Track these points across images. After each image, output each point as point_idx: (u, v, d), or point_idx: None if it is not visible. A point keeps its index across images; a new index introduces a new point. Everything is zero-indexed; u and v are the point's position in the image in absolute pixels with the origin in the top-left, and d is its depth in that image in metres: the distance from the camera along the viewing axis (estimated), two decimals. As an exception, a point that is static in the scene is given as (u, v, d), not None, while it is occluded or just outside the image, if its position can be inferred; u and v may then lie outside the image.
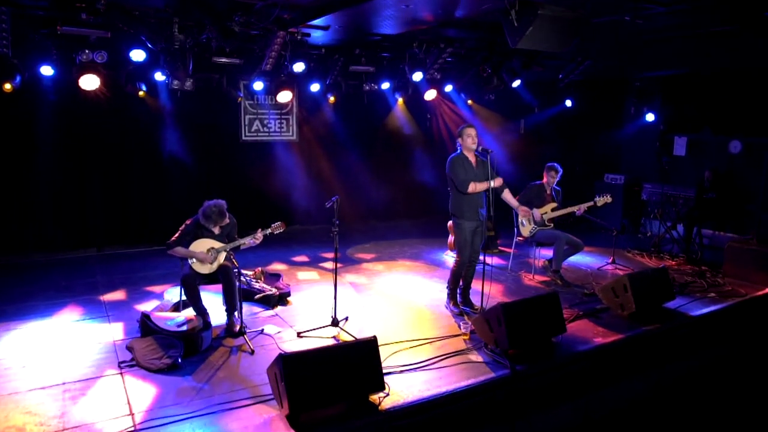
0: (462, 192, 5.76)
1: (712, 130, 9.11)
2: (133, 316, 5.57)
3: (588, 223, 9.10)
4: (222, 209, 5.23)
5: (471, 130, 5.76)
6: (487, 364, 4.73)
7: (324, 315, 5.73)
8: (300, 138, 9.58)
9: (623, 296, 5.86)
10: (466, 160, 5.79)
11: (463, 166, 5.76)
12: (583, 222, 7.84)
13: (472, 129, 5.77)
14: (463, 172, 5.73)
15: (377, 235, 9.56)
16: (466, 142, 5.75)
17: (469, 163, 5.79)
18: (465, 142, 5.76)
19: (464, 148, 5.80)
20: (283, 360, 3.67)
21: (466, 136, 5.74)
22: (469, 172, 5.74)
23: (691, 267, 7.85)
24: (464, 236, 5.87)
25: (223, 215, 5.25)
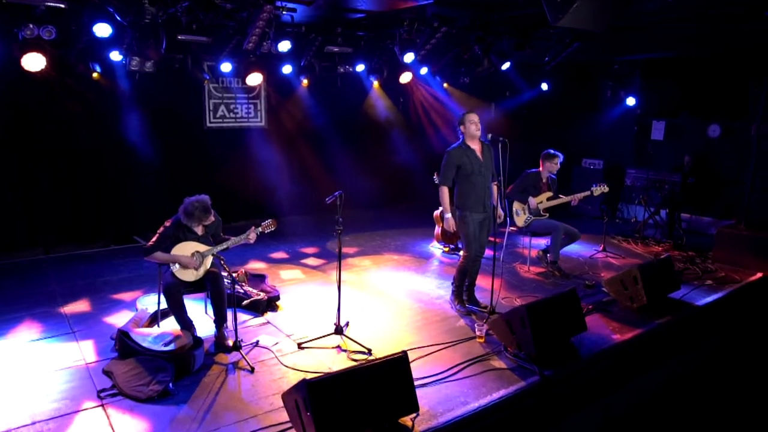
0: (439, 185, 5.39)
1: (690, 114, 9.08)
2: (105, 332, 4.87)
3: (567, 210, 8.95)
4: (206, 205, 4.59)
5: (473, 116, 5.32)
6: (512, 371, 4.37)
7: (320, 320, 5.25)
8: (270, 124, 8.89)
9: (633, 288, 5.65)
10: (468, 150, 5.35)
11: (455, 164, 5.31)
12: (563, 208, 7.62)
13: (475, 115, 5.33)
14: (449, 172, 5.33)
15: (356, 227, 9.03)
16: (469, 130, 5.31)
17: (474, 153, 5.35)
18: (468, 129, 5.31)
19: (467, 137, 5.36)
20: (308, 387, 3.15)
21: (470, 123, 5.30)
22: (474, 164, 5.32)
23: (678, 253, 7.79)
24: (471, 229, 5.46)
25: (208, 212, 4.61)
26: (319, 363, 4.43)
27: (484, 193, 5.44)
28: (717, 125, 8.66)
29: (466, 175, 5.33)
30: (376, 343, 4.81)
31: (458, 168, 5.32)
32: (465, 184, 5.37)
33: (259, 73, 7.80)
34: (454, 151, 5.34)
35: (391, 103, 9.78)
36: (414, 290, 6.21)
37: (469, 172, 5.32)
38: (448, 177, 5.36)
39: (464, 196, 5.40)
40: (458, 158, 5.31)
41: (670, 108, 9.31)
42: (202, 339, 4.43)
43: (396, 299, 5.92)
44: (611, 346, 4.88)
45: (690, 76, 8.88)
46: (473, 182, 5.35)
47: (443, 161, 5.39)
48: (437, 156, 10.13)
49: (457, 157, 5.31)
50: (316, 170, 9.13)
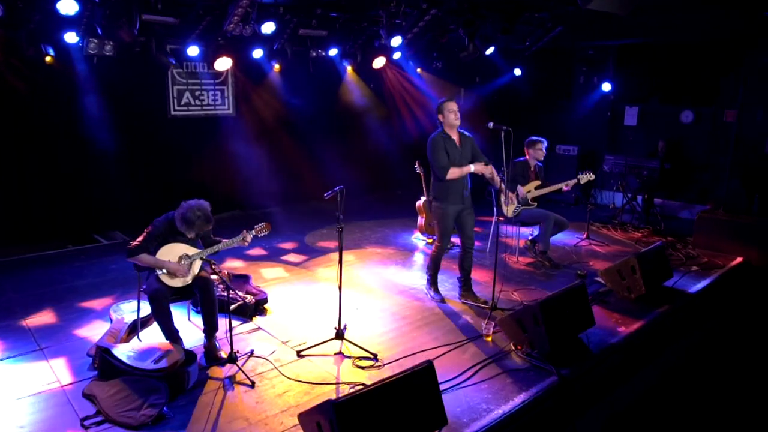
0: (441, 179, 5.13)
1: (660, 100, 9.15)
2: (78, 347, 4.38)
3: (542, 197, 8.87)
4: (208, 214, 4.15)
5: (452, 104, 5.08)
6: (528, 371, 4.19)
7: (314, 323, 4.93)
8: (239, 112, 8.37)
9: (631, 278, 5.58)
10: (448, 140, 5.13)
11: (444, 148, 5.09)
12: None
13: (454, 103, 5.10)
14: (443, 156, 5.08)
15: (331, 218, 8.61)
16: (448, 119, 5.08)
17: (452, 143, 5.14)
18: (447, 118, 5.08)
19: (446, 126, 5.13)
20: (335, 409, 2.84)
21: (448, 112, 5.06)
22: (453, 154, 5.10)
23: (658, 238, 7.84)
24: (447, 222, 5.29)
25: (209, 222, 4.18)
26: (323, 372, 4.11)
27: (463, 185, 5.25)
28: (690, 111, 8.76)
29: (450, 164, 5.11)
30: (378, 346, 4.53)
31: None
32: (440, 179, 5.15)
33: (228, 58, 7.28)
34: (436, 139, 5.11)
35: (367, 88, 9.41)
36: (405, 286, 5.95)
37: (451, 161, 5.10)
38: (447, 161, 5.09)
39: (442, 188, 5.21)
40: (440, 147, 5.09)
41: (642, 94, 9.35)
42: (195, 353, 4.01)
43: (389, 297, 5.64)
44: (619, 339, 4.78)
45: (662, 63, 8.92)
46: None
47: (432, 149, 5.12)
48: (414, 143, 9.99)
49: (439, 145, 5.09)
50: (288, 160, 8.70)
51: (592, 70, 9.62)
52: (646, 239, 7.84)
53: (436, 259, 5.49)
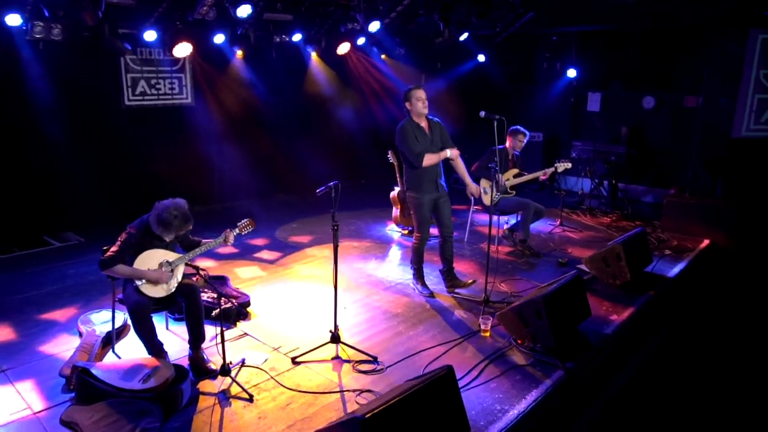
0: (416, 167, 4.98)
1: (622, 86, 9.30)
2: (46, 367, 3.95)
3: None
4: (186, 213, 3.79)
5: (420, 92, 4.93)
6: (533, 367, 4.09)
7: (304, 325, 4.68)
8: (198, 101, 7.87)
9: (616, 265, 5.60)
10: (417, 128, 4.99)
11: (414, 136, 4.94)
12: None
13: (422, 91, 4.94)
14: (416, 143, 4.93)
15: (299, 211, 8.36)
16: (416, 107, 4.93)
17: (422, 131, 5.01)
18: (415, 106, 4.93)
19: (414, 114, 4.98)
20: (363, 425, 2.62)
21: (416, 100, 4.91)
22: (423, 142, 4.97)
23: (627, 223, 7.99)
24: (423, 212, 5.17)
25: (188, 221, 3.82)
26: (324, 380, 3.87)
27: (437, 172, 5.14)
28: (651, 97, 8.93)
29: None
30: (375, 347, 4.33)
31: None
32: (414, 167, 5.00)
33: (188, 44, 6.78)
34: (405, 128, 4.97)
35: (333, 75, 9.07)
36: (391, 282, 5.76)
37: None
38: (419, 148, 4.94)
39: (416, 177, 5.08)
40: (410, 135, 4.95)
41: (605, 80, 9.47)
42: (185, 368, 3.68)
43: (377, 294, 5.43)
44: (614, 328, 4.77)
45: (624, 49, 9.04)
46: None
47: (402, 138, 4.98)
48: (381, 130, 9.74)
49: (410, 133, 4.95)
50: (253, 151, 8.28)
51: (555, 56, 9.64)
52: (615, 224, 7.96)
53: (418, 251, 5.35)
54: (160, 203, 3.75)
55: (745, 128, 6.79)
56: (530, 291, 5.49)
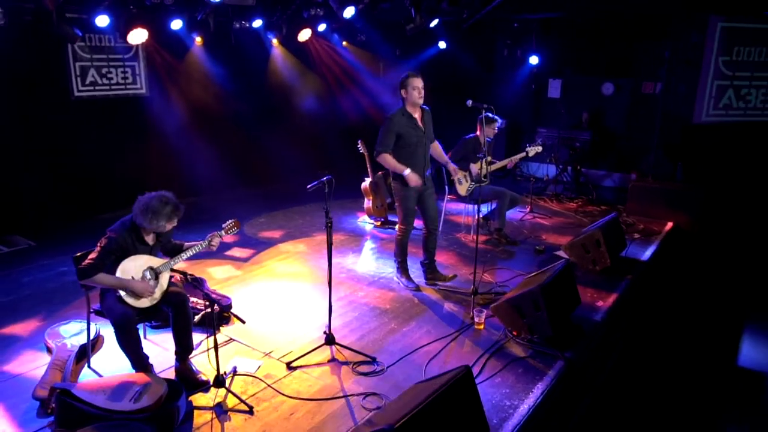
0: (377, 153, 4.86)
1: (582, 72, 9.45)
2: (14, 389, 3.58)
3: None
4: (176, 201, 3.52)
5: (417, 80, 4.77)
6: (533, 359, 4.06)
7: (291, 327, 4.49)
8: (155, 91, 7.39)
9: (596, 251, 5.67)
10: (410, 118, 4.86)
11: (394, 131, 4.78)
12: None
13: (419, 79, 4.79)
14: (389, 140, 4.79)
15: (264, 204, 8.05)
16: (411, 96, 4.78)
17: (414, 121, 4.88)
18: (410, 95, 4.78)
19: (408, 103, 4.83)
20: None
21: (412, 89, 4.76)
22: (412, 134, 4.85)
23: (593, 208, 8.15)
24: (409, 203, 5.05)
25: (179, 209, 3.55)
26: (325, 385, 3.69)
27: (424, 164, 5.05)
28: (611, 83, 9.12)
29: (406, 145, 4.86)
30: (370, 346, 4.20)
31: (399, 136, 4.81)
32: (405, 154, 4.89)
33: (143, 30, 6.32)
34: (395, 117, 4.80)
35: (297, 63, 8.75)
36: (373, 276, 5.61)
37: (411, 142, 4.86)
38: (388, 144, 4.82)
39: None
40: (400, 125, 4.80)
41: (565, 66, 9.59)
42: (178, 382, 3.41)
43: (361, 289, 5.28)
44: (603, 315, 4.81)
45: (583, 35, 9.17)
46: (413, 153, 4.92)
47: (383, 127, 4.84)
48: (349, 120, 9.52)
49: (399, 124, 4.79)
50: (215, 143, 7.87)
51: (515, 43, 9.67)
52: (582, 209, 8.11)
53: (402, 243, 5.23)
54: (142, 197, 3.45)
55: (704, 114, 7.03)
56: (514, 280, 5.50)
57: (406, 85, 4.80)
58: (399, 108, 4.85)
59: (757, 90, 7.15)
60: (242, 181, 8.55)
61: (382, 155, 4.83)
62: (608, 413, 4.29)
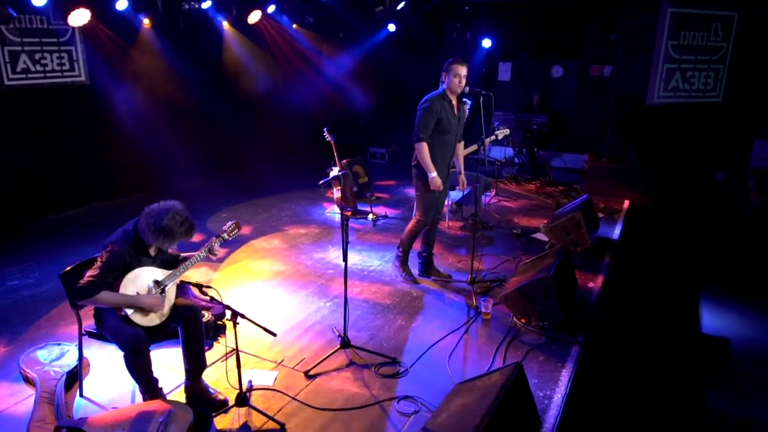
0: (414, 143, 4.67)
1: (531, 55, 9.61)
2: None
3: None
4: (191, 220, 3.15)
5: (461, 68, 4.58)
6: (548, 345, 4.07)
7: (292, 331, 4.22)
8: (97, 79, 6.66)
9: (576, 233, 5.77)
10: (449, 104, 4.69)
11: (436, 113, 4.60)
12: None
13: (463, 68, 4.59)
14: (429, 126, 4.60)
15: (222, 197, 7.60)
16: (452, 83, 4.60)
17: (451, 108, 4.72)
18: (451, 82, 4.60)
19: (448, 89, 4.64)
20: (476, 449, 2.36)
21: (454, 75, 4.58)
22: (448, 120, 4.69)
23: (551, 189, 8.36)
24: (433, 195, 4.87)
25: (194, 228, 3.19)
26: (353, 393, 3.49)
27: (451, 155, 4.91)
28: (560, 66, 9.34)
29: (442, 132, 4.70)
30: (384, 346, 4.04)
31: (437, 121, 4.62)
32: (437, 141, 4.71)
33: (85, 10, 5.67)
34: (435, 101, 4.60)
35: (251, 46, 8.25)
36: (363, 270, 5.42)
37: (445, 129, 4.70)
38: (429, 129, 4.63)
39: (432, 156, 4.73)
40: (439, 110, 4.60)
41: (514, 50, 9.70)
42: (203, 406, 3.09)
43: (356, 285, 5.05)
44: (596, 296, 4.92)
45: (531, 18, 9.30)
46: (445, 141, 4.77)
47: (422, 111, 4.60)
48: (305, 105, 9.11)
49: (438, 108, 4.60)
50: (163, 134, 7.26)
51: (465, 26, 9.66)
52: (542, 190, 8.30)
53: (414, 235, 5.04)
54: (151, 209, 3.06)
55: (656, 96, 7.36)
56: (503, 266, 5.52)
57: (449, 70, 4.60)
58: (439, 93, 4.63)
59: (699, 72, 7.57)
60: (195, 173, 8.01)
61: (422, 143, 4.59)
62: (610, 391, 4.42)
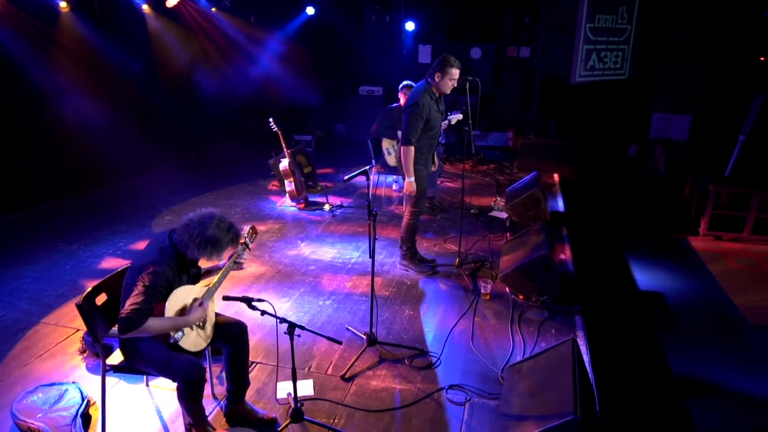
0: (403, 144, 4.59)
1: (450, 38, 9.85)
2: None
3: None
4: (236, 227, 2.85)
5: (456, 71, 4.48)
6: (553, 318, 4.29)
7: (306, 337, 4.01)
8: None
9: (536, 209, 6.10)
10: (438, 100, 4.62)
11: (425, 116, 4.49)
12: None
13: (457, 70, 4.50)
14: (418, 128, 4.49)
15: (156, 196, 7.01)
16: (444, 85, 4.51)
17: (439, 104, 4.65)
18: (444, 84, 4.50)
19: (437, 88, 4.54)
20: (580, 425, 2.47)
21: (449, 79, 4.48)
22: (435, 118, 4.61)
23: (484, 167, 8.71)
24: (424, 183, 4.87)
25: (239, 237, 2.88)
26: (401, 390, 3.43)
27: (436, 146, 4.94)
28: (478, 48, 9.66)
29: (427, 130, 4.63)
30: (404, 337, 4.03)
31: (426, 121, 4.55)
32: (424, 139, 4.66)
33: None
34: (424, 101, 4.46)
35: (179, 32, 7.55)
36: (343, 262, 5.30)
37: (432, 127, 4.66)
38: (418, 132, 4.55)
39: (421, 151, 4.70)
40: (428, 111, 4.51)
41: (434, 32, 9.87)
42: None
43: (345, 279, 4.95)
44: (571, 265, 5.25)
45: (450, 1, 9.52)
46: (432, 137, 4.76)
47: (411, 113, 4.47)
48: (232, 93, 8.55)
49: (428, 109, 4.50)
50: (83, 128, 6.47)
51: (384, 9, 9.64)
52: (476, 169, 8.62)
53: (413, 228, 4.99)
54: (191, 219, 2.73)
55: (578, 75, 7.91)
56: (477, 246, 5.68)
57: (445, 72, 4.46)
58: (425, 89, 4.48)
59: (610, 53, 8.25)
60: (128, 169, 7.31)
61: (409, 147, 4.49)
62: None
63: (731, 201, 7.46)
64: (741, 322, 5.58)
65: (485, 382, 3.50)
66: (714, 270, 6.83)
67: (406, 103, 4.64)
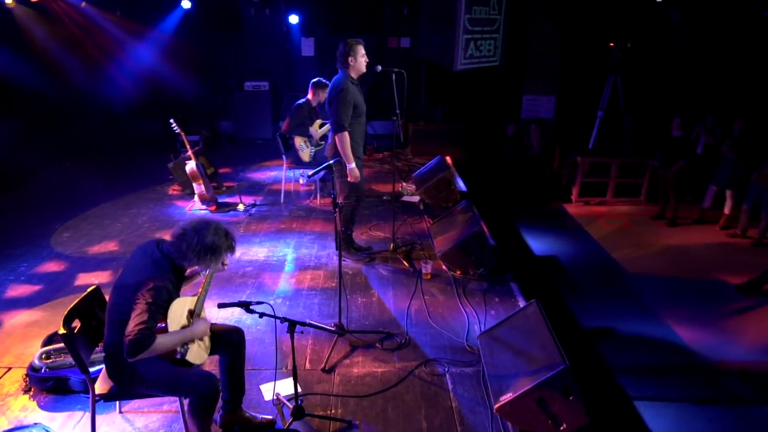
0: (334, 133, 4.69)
1: (331, 30, 9.96)
2: None
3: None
4: (232, 231, 2.75)
5: (361, 47, 4.65)
6: (492, 288, 4.69)
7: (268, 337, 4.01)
8: None
9: (447, 191, 6.53)
10: (358, 87, 4.74)
11: (353, 101, 4.60)
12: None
13: (362, 45, 4.67)
14: (348, 114, 4.60)
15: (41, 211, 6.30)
16: (360, 64, 4.62)
17: (359, 89, 4.77)
18: (359, 63, 4.62)
19: (354, 70, 4.65)
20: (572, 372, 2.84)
21: (361, 56, 4.62)
22: (360, 103, 4.72)
23: (378, 155, 9.01)
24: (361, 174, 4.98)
25: (236, 242, 2.78)
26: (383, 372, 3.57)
27: (364, 135, 5.05)
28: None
29: (356, 116, 4.73)
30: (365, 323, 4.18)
31: (354, 107, 4.66)
32: (354, 125, 4.76)
33: None
34: (348, 87, 4.56)
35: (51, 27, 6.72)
36: (278, 260, 5.26)
37: (360, 113, 4.76)
38: (348, 118, 4.63)
39: (355, 140, 4.79)
40: (354, 94, 4.63)
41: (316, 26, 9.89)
42: None
43: (292, 276, 4.93)
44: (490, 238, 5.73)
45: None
46: (361, 123, 4.86)
47: (338, 100, 4.53)
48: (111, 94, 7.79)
49: (353, 93, 4.62)
50: None
51: (264, 2, 9.46)
52: (371, 157, 8.88)
53: (353, 216, 5.09)
54: (184, 229, 2.61)
55: (459, 63, 8.47)
56: (402, 229, 5.94)
57: (354, 52, 4.53)
58: (345, 77, 4.53)
59: (485, 41, 8.94)
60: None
61: (344, 133, 4.52)
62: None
63: (593, 169, 8.60)
64: (622, 273, 6.54)
65: (456, 353, 3.78)
66: (592, 231, 7.83)
67: (329, 94, 4.68)
